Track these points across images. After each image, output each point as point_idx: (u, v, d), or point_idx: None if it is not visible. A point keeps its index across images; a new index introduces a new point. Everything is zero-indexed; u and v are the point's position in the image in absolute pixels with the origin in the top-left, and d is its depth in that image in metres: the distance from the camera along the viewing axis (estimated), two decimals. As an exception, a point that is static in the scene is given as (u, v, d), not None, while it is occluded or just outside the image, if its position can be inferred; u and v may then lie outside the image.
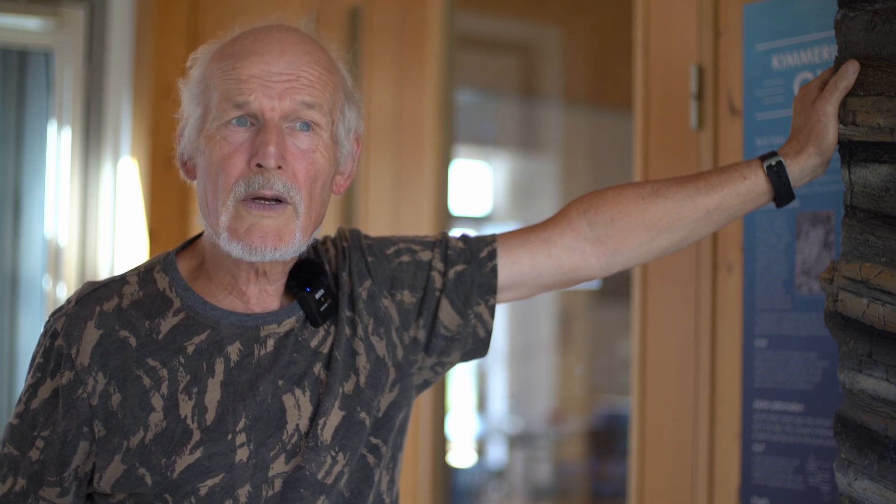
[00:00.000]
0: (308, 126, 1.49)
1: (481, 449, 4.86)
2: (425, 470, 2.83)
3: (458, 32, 3.02)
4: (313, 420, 1.52)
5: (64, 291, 4.02)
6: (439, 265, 1.65)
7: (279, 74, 1.47)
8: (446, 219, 2.90)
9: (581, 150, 4.42)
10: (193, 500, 1.47)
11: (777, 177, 1.59)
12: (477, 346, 1.67)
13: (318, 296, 1.56)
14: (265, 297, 1.56)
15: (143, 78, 4.03)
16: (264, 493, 1.49)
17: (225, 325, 1.53)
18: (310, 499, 1.50)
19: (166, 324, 1.52)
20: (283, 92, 1.47)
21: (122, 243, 4.06)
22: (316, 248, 1.65)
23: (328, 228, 1.61)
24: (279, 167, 1.46)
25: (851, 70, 1.54)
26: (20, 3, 4.01)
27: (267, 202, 1.46)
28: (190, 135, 1.52)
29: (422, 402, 2.80)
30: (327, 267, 1.62)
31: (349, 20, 3.12)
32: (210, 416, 1.49)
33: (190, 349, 1.51)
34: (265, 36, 1.50)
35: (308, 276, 1.57)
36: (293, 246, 1.48)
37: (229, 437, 1.48)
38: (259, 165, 1.45)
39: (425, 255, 1.65)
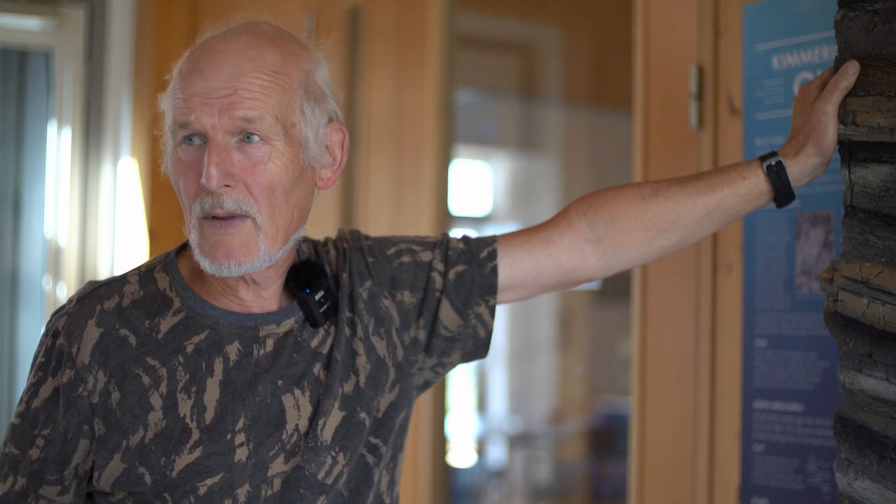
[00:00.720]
0: (256, 136, 1.46)
1: (481, 449, 4.86)
2: (425, 470, 2.83)
3: (458, 32, 3.02)
4: (313, 420, 1.52)
5: (64, 291, 4.02)
6: (440, 266, 1.65)
7: (217, 90, 1.45)
8: (446, 219, 2.90)
9: (581, 150, 4.42)
10: (192, 500, 1.47)
11: (777, 177, 1.59)
12: (477, 347, 1.67)
13: (317, 297, 1.56)
14: (262, 300, 1.56)
15: (143, 78, 4.03)
16: (263, 492, 1.49)
17: (224, 325, 1.53)
18: (309, 499, 1.50)
19: (166, 323, 1.52)
20: (221, 109, 1.45)
21: (122, 243, 4.06)
22: (316, 249, 1.65)
23: (328, 229, 1.61)
24: (227, 185, 1.45)
25: (851, 70, 1.54)
26: (20, 3, 4.01)
27: (223, 220, 1.46)
28: (164, 152, 1.54)
29: (422, 402, 2.80)
30: (327, 268, 1.62)
31: (349, 20, 3.12)
32: (209, 416, 1.49)
33: (189, 349, 1.51)
34: (209, 48, 1.48)
35: (308, 278, 1.57)
36: (260, 258, 1.48)
37: (228, 436, 1.49)
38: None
39: (426, 256, 1.65)
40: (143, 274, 1.56)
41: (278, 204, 1.48)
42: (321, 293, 1.57)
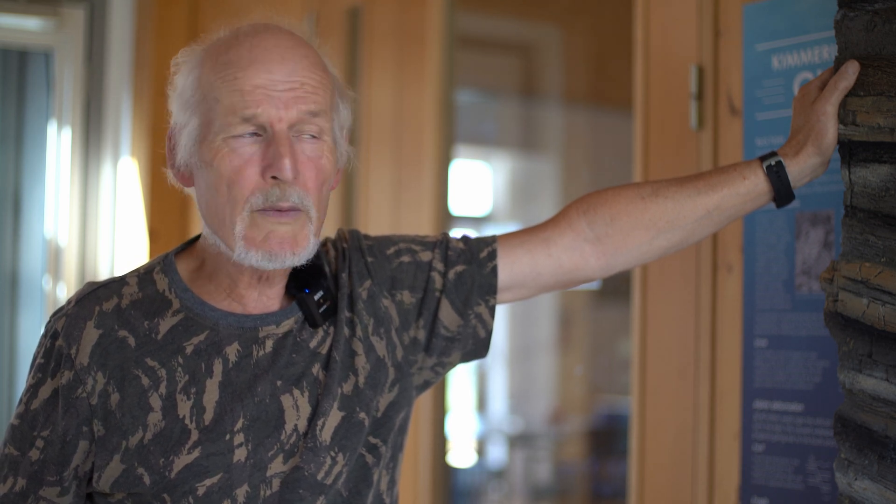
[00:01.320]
0: (312, 133, 1.49)
1: (481, 449, 4.86)
2: (425, 470, 2.83)
3: (458, 32, 3.02)
4: (312, 421, 1.52)
5: (64, 291, 4.02)
6: (439, 266, 1.64)
7: (282, 83, 1.46)
8: (446, 219, 2.90)
9: (581, 150, 4.42)
10: (191, 500, 1.47)
11: (777, 177, 1.59)
12: (477, 347, 1.67)
13: (317, 297, 1.56)
14: (264, 300, 1.56)
15: (143, 78, 4.03)
16: (262, 493, 1.49)
17: (223, 326, 1.53)
18: (309, 499, 1.50)
19: (165, 324, 1.52)
20: (288, 101, 1.46)
21: (122, 243, 4.06)
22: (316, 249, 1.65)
23: (328, 229, 1.61)
24: (293, 178, 1.46)
25: (851, 70, 1.54)
26: (20, 3, 4.01)
27: (281, 211, 1.47)
28: (186, 144, 1.50)
29: (422, 402, 2.80)
30: (327, 268, 1.62)
31: (349, 20, 3.12)
32: (208, 417, 1.49)
33: (188, 349, 1.51)
34: (262, 41, 1.48)
35: (307, 278, 1.57)
36: (308, 250, 1.49)
37: (227, 437, 1.49)
38: (274, 178, 1.45)
39: (425, 256, 1.65)
40: (142, 275, 1.56)
41: (323, 200, 1.51)
42: (320, 293, 1.57)
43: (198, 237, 1.61)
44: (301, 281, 1.57)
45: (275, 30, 1.51)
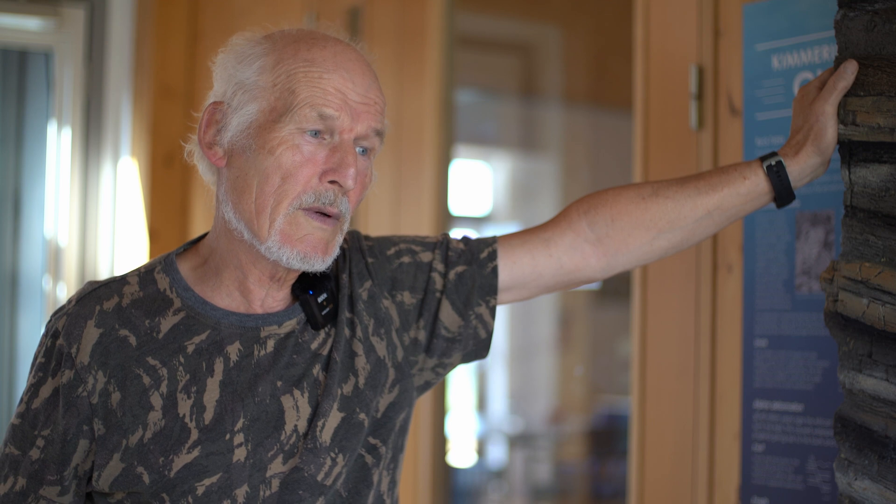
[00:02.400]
0: (366, 148, 1.52)
1: (481, 449, 4.86)
2: (425, 470, 2.83)
3: (458, 32, 3.02)
4: (312, 421, 1.52)
5: (64, 291, 4.02)
6: (440, 266, 1.65)
7: (360, 95, 1.49)
8: (446, 219, 2.90)
9: (581, 150, 4.42)
10: (190, 500, 1.47)
11: (777, 177, 1.59)
12: (478, 348, 1.67)
13: (320, 299, 1.57)
14: (269, 301, 1.56)
15: (143, 78, 4.03)
16: (262, 493, 1.49)
17: (225, 326, 1.53)
18: (309, 500, 1.50)
19: (166, 323, 1.52)
20: (361, 114, 1.49)
21: (122, 243, 4.06)
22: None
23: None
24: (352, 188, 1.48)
25: (850, 70, 1.54)
26: (20, 3, 4.01)
27: (324, 216, 1.48)
28: (238, 125, 1.49)
29: (422, 403, 2.80)
30: (330, 270, 1.61)
31: (349, 20, 3.12)
32: (208, 416, 1.49)
33: (190, 349, 1.51)
34: (345, 52, 1.51)
35: (311, 279, 1.57)
36: (334, 257, 1.52)
37: (227, 436, 1.49)
38: (333, 182, 1.47)
39: (426, 257, 1.65)
40: (143, 275, 1.56)
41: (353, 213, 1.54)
42: (324, 296, 1.57)
43: (199, 238, 1.61)
44: (305, 282, 1.57)
45: (349, 45, 1.54)
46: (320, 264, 1.49)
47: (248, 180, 1.49)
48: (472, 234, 1.71)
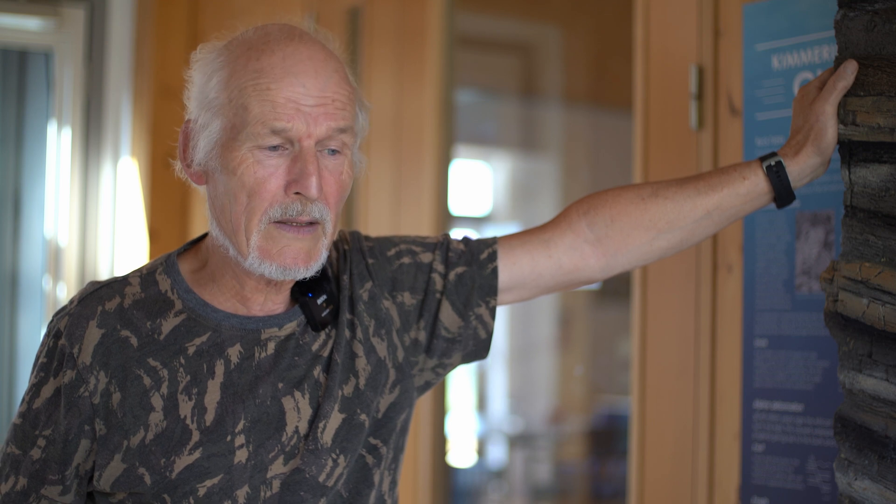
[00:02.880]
0: (335, 148, 1.49)
1: (481, 449, 4.86)
2: (425, 470, 2.83)
3: (458, 32, 3.02)
4: (313, 423, 1.52)
5: (64, 291, 4.02)
6: (440, 267, 1.64)
7: (314, 97, 1.45)
8: (446, 219, 2.90)
9: (581, 150, 4.43)
10: (192, 501, 1.47)
11: (777, 177, 1.59)
12: (478, 348, 1.67)
13: (319, 301, 1.56)
14: (269, 304, 1.56)
15: (143, 78, 4.03)
16: (262, 494, 1.49)
17: (226, 328, 1.53)
18: (310, 501, 1.50)
19: (167, 324, 1.52)
20: (318, 117, 1.45)
21: (122, 243, 4.06)
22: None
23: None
24: (317, 196, 1.46)
25: (850, 70, 1.54)
26: (20, 3, 4.01)
27: (299, 226, 1.47)
28: (206, 146, 1.48)
29: (422, 403, 2.80)
30: (329, 272, 1.61)
31: (349, 20, 3.12)
32: (209, 417, 1.49)
33: (191, 350, 1.51)
34: (295, 52, 1.46)
35: (311, 282, 1.57)
36: (320, 262, 1.50)
37: (228, 438, 1.49)
38: (298, 193, 1.45)
39: (426, 257, 1.65)
40: (145, 276, 1.56)
41: (338, 213, 1.51)
42: (324, 297, 1.57)
43: (200, 238, 1.60)
44: (305, 285, 1.57)
45: (306, 39, 1.49)
46: (304, 273, 1.48)
47: (222, 201, 1.48)
48: (473, 235, 1.71)
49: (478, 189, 4.86)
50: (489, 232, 1.67)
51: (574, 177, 4.43)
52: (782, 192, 1.60)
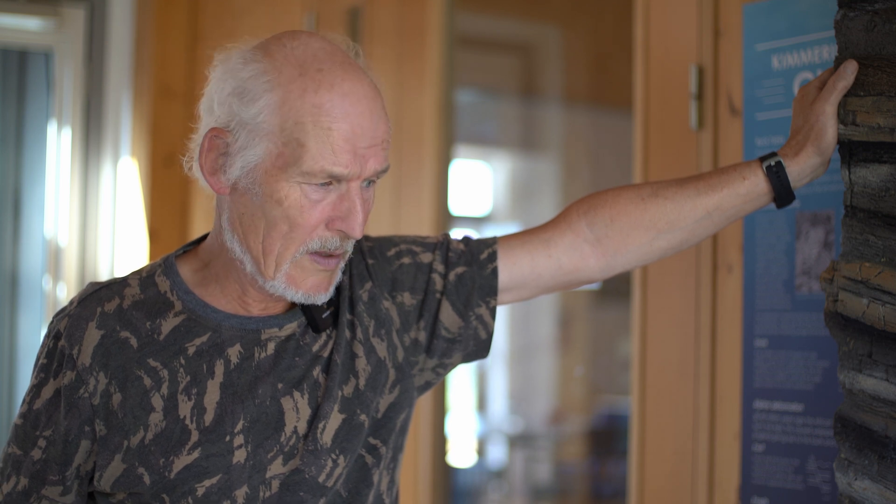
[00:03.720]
0: (370, 182, 1.50)
1: (481, 449, 4.86)
2: (425, 470, 2.83)
3: (458, 32, 3.02)
4: (312, 423, 1.52)
5: (64, 292, 4.02)
6: (440, 267, 1.64)
7: (368, 139, 1.45)
8: (446, 219, 2.90)
9: (581, 150, 4.43)
10: (190, 501, 1.47)
11: (777, 177, 1.59)
12: (478, 348, 1.67)
13: (320, 302, 1.56)
14: (271, 308, 1.56)
15: (143, 78, 4.03)
16: (261, 494, 1.49)
17: (226, 328, 1.53)
18: (310, 501, 1.50)
19: (167, 325, 1.52)
20: (367, 160, 1.45)
21: (122, 243, 4.06)
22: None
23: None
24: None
25: (850, 70, 1.54)
26: (20, 3, 4.01)
27: (328, 257, 1.49)
28: (244, 165, 1.45)
29: (422, 403, 2.80)
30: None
31: (349, 20, 3.12)
32: (209, 418, 1.49)
33: (190, 350, 1.51)
34: (352, 90, 1.44)
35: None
36: (336, 285, 1.53)
37: (227, 438, 1.49)
38: (340, 230, 1.46)
39: (426, 258, 1.65)
40: (144, 278, 1.56)
41: None
42: None
43: (199, 240, 1.60)
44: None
45: (357, 72, 1.47)
46: (324, 298, 1.51)
47: (254, 221, 1.47)
48: (473, 235, 1.71)
49: (478, 189, 4.86)
50: (489, 232, 1.67)
51: (574, 177, 4.43)
52: (782, 192, 1.60)
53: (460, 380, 4.79)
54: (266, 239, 1.47)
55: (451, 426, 3.16)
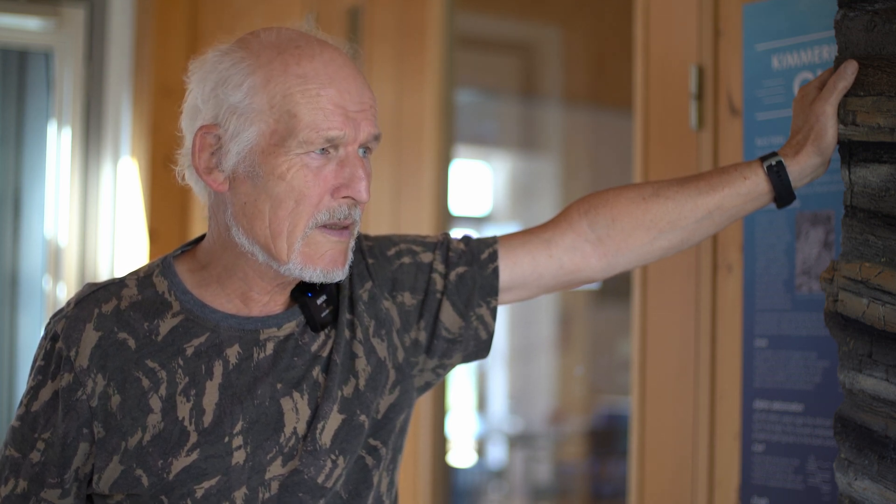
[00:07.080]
0: (366, 150, 1.51)
1: (481, 449, 4.86)
2: (425, 470, 2.83)
3: (458, 32, 3.02)
4: (311, 424, 1.52)
5: (64, 292, 4.02)
6: (440, 267, 1.64)
7: (357, 103, 1.47)
8: (446, 219, 2.90)
9: (581, 150, 4.43)
10: (189, 502, 1.47)
11: (777, 177, 1.59)
12: (479, 348, 1.67)
13: (319, 301, 1.56)
14: (271, 305, 1.55)
15: (143, 78, 4.03)
16: (261, 495, 1.49)
17: (224, 328, 1.52)
18: (309, 502, 1.50)
19: (165, 325, 1.52)
20: (360, 123, 1.47)
21: (122, 243, 4.06)
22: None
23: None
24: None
25: (850, 70, 1.54)
26: (20, 3, 4.01)
27: (341, 230, 1.49)
28: (239, 151, 1.46)
29: (422, 403, 2.80)
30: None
31: (349, 20, 3.12)
32: (207, 419, 1.49)
33: (189, 351, 1.51)
34: (333, 58, 1.47)
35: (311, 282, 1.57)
36: (350, 263, 1.52)
37: (226, 439, 1.48)
38: (346, 197, 1.47)
39: (426, 257, 1.65)
40: (142, 278, 1.56)
41: None
42: (324, 297, 1.56)
43: (197, 241, 1.60)
44: (304, 285, 1.56)
45: (333, 47, 1.50)
46: (340, 275, 1.50)
47: (258, 206, 1.47)
48: (473, 235, 1.70)
49: (478, 189, 4.86)
50: (489, 232, 1.67)
51: (574, 177, 4.43)
52: (783, 191, 1.60)
53: (460, 380, 4.79)
54: (272, 221, 1.46)
55: (451, 426, 3.16)
